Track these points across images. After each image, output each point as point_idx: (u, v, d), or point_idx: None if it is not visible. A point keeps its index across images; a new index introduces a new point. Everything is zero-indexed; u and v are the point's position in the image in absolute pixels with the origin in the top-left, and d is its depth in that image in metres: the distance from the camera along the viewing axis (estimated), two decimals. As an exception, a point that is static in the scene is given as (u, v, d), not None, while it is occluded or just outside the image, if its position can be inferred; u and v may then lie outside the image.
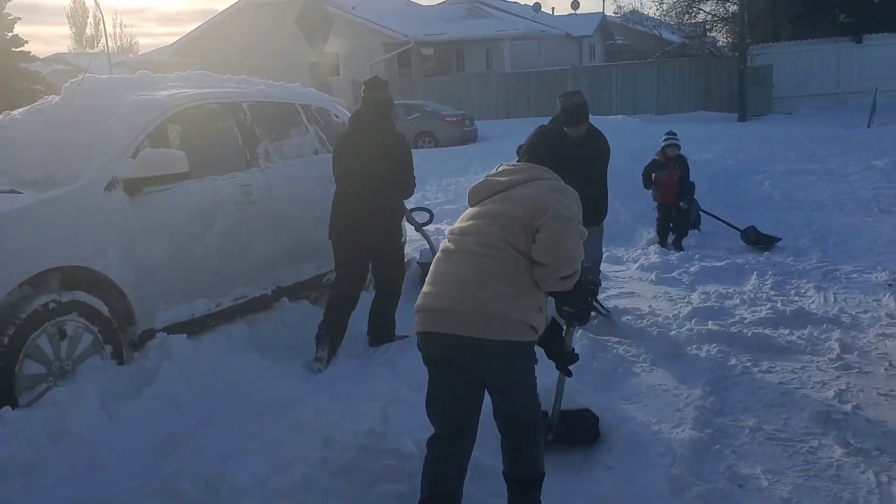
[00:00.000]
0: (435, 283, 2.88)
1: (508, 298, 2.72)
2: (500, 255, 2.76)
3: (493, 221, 2.85)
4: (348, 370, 4.74)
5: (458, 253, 2.86)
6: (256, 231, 5.33)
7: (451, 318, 2.76)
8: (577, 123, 5.53)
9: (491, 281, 2.74)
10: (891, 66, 23.39)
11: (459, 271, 2.80)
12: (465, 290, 2.76)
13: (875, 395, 4.29)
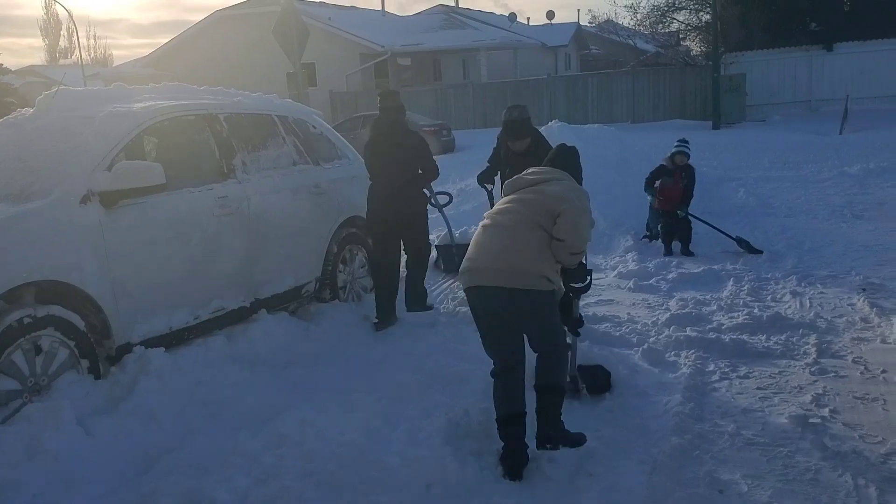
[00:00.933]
0: (477, 250, 3.74)
1: (532, 260, 3.58)
2: (527, 230, 3.63)
3: (525, 206, 3.72)
4: (330, 381, 4.71)
5: (496, 227, 3.74)
6: (234, 243, 5.30)
7: (491, 274, 3.62)
8: (515, 138, 5.62)
9: (520, 247, 3.61)
10: (861, 74, 23.76)
11: (496, 241, 3.68)
12: (501, 254, 3.62)
13: (851, 398, 4.33)
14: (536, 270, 3.59)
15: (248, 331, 5.30)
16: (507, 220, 3.72)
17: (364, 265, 6.74)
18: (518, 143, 5.64)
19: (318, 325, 5.76)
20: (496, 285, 3.60)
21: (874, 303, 6.07)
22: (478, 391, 4.35)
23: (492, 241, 3.70)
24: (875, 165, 13.23)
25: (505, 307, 3.64)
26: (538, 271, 3.59)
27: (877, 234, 8.69)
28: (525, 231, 3.63)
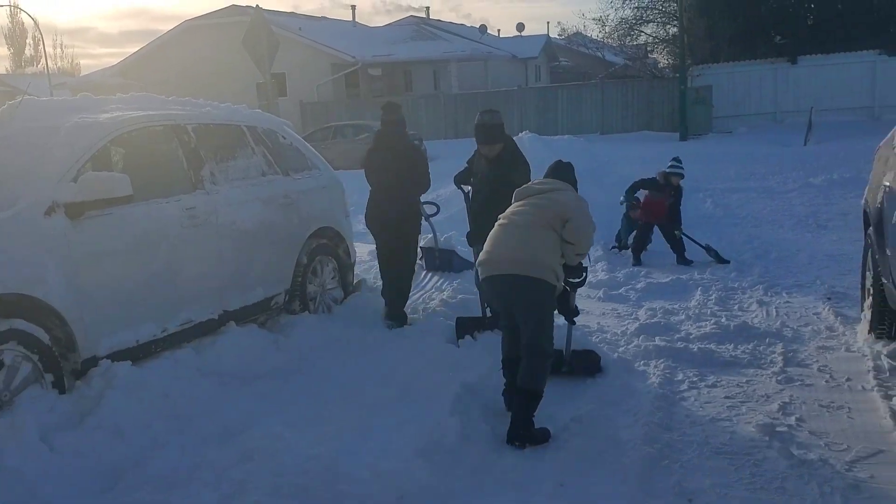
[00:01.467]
0: (493, 244, 4.30)
1: (541, 254, 4.12)
2: (541, 229, 4.18)
3: (537, 210, 4.28)
4: (300, 393, 4.67)
5: (512, 226, 4.29)
6: (202, 254, 5.24)
7: (504, 263, 4.16)
8: (484, 143, 5.50)
9: (535, 242, 4.16)
10: (824, 87, 24.23)
11: (513, 237, 4.23)
12: (515, 247, 4.17)
13: (817, 406, 4.40)
14: (548, 264, 4.12)
15: (216, 343, 5.24)
16: (522, 220, 4.26)
17: (334, 276, 6.71)
18: (488, 147, 5.51)
19: (287, 337, 5.71)
20: (511, 273, 4.11)
21: (839, 311, 6.17)
22: (448, 402, 4.35)
23: (509, 237, 4.24)
24: (839, 176, 13.48)
25: (513, 296, 4.17)
26: (549, 265, 4.13)
27: (841, 244, 8.84)
28: (538, 230, 4.18)
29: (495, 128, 5.50)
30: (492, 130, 5.48)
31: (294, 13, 34.71)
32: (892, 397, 4.35)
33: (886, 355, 4.96)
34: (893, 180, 4.65)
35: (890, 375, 4.71)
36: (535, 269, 4.09)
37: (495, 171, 5.51)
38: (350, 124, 23.91)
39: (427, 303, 6.58)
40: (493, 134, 5.49)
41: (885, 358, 4.94)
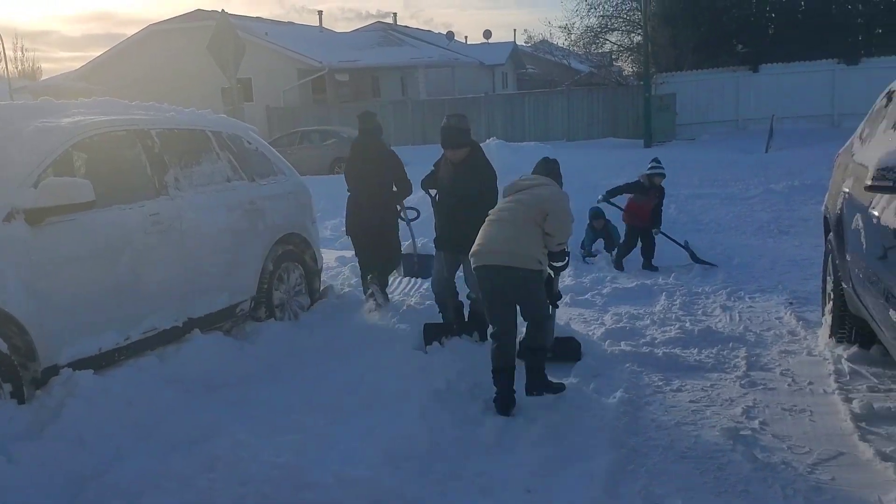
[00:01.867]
0: (484, 237, 4.76)
1: (528, 246, 4.61)
2: (525, 224, 4.65)
3: (522, 206, 4.73)
4: (265, 401, 4.62)
5: (499, 221, 4.76)
6: (166, 261, 5.18)
7: (496, 255, 4.63)
8: (450, 146, 5.50)
9: (520, 237, 4.63)
10: (785, 94, 24.65)
11: (502, 231, 4.70)
12: (505, 241, 4.64)
13: (780, 410, 4.46)
14: (531, 255, 4.62)
15: (180, 351, 5.18)
16: (509, 216, 4.76)
17: (301, 282, 6.67)
18: (454, 152, 5.50)
19: (253, 344, 5.66)
20: (500, 264, 4.62)
21: (800, 316, 6.28)
22: (417, 409, 4.34)
23: (498, 232, 4.72)
24: (800, 183, 13.69)
25: (504, 281, 4.65)
26: (532, 255, 4.62)
27: (802, 249, 9.00)
28: (523, 225, 4.66)
29: (462, 132, 5.51)
30: (458, 134, 5.49)
31: (260, 18, 34.43)
32: (852, 400, 4.42)
33: (847, 359, 5.06)
34: (853, 187, 4.74)
35: (850, 379, 4.80)
36: (520, 259, 4.61)
37: (462, 177, 5.53)
38: (317, 130, 23.80)
39: (396, 309, 6.56)
40: (459, 138, 5.49)
41: (846, 362, 5.03)
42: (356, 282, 7.71)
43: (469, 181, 5.51)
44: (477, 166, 5.60)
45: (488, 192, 5.53)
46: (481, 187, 5.55)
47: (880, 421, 4.15)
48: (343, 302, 6.87)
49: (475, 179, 5.54)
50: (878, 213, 3.87)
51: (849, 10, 27.03)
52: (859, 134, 5.43)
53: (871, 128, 5.17)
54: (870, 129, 5.17)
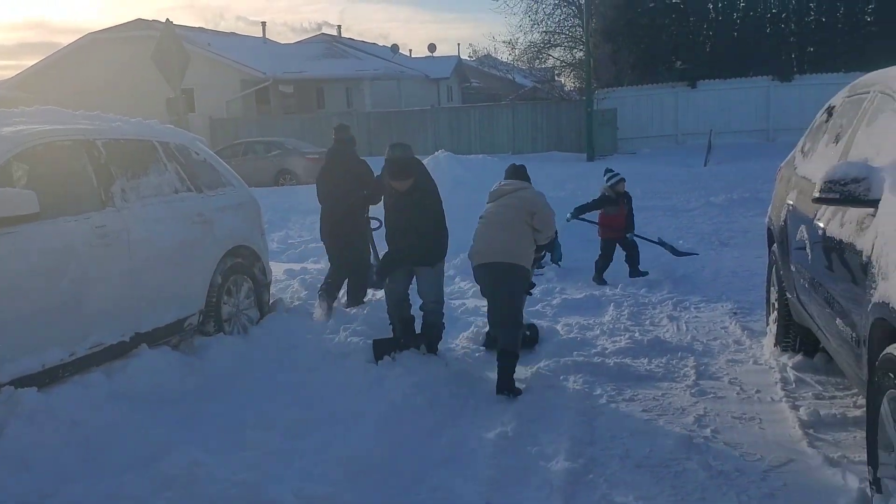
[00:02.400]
0: (480, 239, 5.44)
1: (519, 245, 5.32)
2: (516, 225, 5.34)
3: (511, 208, 5.41)
4: (218, 417, 4.52)
5: (491, 223, 5.43)
6: (113, 274, 5.04)
7: (491, 254, 5.29)
8: (397, 178, 5.54)
9: (512, 237, 5.31)
10: (723, 110, 25.38)
11: (497, 233, 5.35)
12: (498, 241, 5.31)
13: (730, 418, 4.55)
14: (523, 252, 5.33)
15: (128, 367, 5.03)
16: (500, 218, 5.41)
17: (250, 296, 6.56)
18: (400, 182, 5.55)
19: (202, 359, 5.54)
20: (497, 261, 5.25)
21: (745, 326, 6.43)
22: (373, 423, 4.30)
23: (494, 233, 5.36)
24: (738, 196, 14.07)
25: (496, 278, 5.26)
26: (524, 253, 5.34)
27: (743, 261, 9.22)
28: (514, 225, 5.34)
29: (408, 163, 5.58)
30: (404, 166, 5.56)
31: (203, 28, 33.97)
32: (799, 408, 4.54)
33: (792, 367, 5.20)
34: (796, 199, 4.88)
35: (796, 387, 4.93)
36: (514, 257, 5.27)
37: (410, 202, 5.60)
38: (261, 141, 23.54)
39: (349, 322, 6.50)
40: (405, 170, 5.56)
41: (791, 370, 5.17)
42: (306, 295, 7.63)
43: (417, 204, 5.61)
44: (424, 189, 5.67)
45: (435, 207, 5.72)
46: (430, 206, 5.70)
47: (827, 427, 4.27)
48: (293, 315, 6.77)
49: (423, 201, 5.65)
50: (823, 225, 3.99)
51: (782, 28, 27.97)
52: (801, 148, 5.60)
53: (812, 142, 5.33)
54: (811, 144, 5.33)
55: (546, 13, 29.12)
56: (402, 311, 5.85)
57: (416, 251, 5.62)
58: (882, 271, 3.03)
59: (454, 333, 6.48)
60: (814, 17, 27.77)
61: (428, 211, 5.66)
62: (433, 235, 5.69)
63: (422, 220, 5.61)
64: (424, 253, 5.65)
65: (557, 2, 29.12)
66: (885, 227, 3.14)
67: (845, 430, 4.25)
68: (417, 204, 5.60)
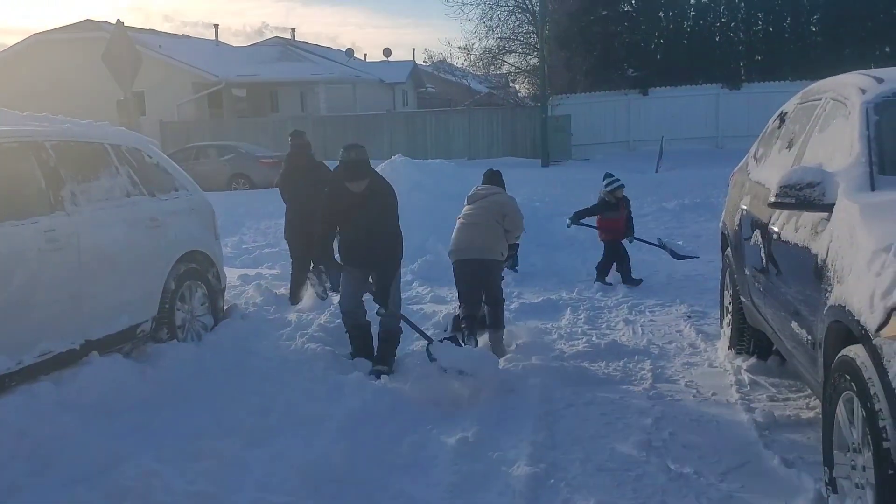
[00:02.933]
0: (460, 238, 6.15)
1: (493, 243, 6.10)
2: (490, 225, 6.10)
3: (485, 211, 6.17)
4: (172, 426, 4.42)
5: (470, 225, 6.15)
6: (62, 280, 4.90)
7: (469, 251, 6.06)
8: (353, 179, 5.49)
9: (487, 235, 6.08)
10: (673, 117, 25.78)
11: (473, 233, 6.10)
12: (475, 239, 6.07)
13: (687, 421, 4.59)
14: (496, 248, 6.13)
15: (78, 375, 4.88)
16: (477, 219, 6.15)
17: (204, 302, 6.44)
18: (356, 183, 5.51)
19: (155, 366, 5.40)
20: (474, 257, 6.03)
21: (699, 329, 6.52)
22: (332, 430, 4.25)
23: (471, 233, 6.11)
24: (689, 201, 14.29)
25: (475, 270, 6.05)
26: (498, 249, 6.15)
27: (695, 265, 9.34)
28: (489, 226, 6.11)
29: (362, 164, 5.53)
30: (359, 167, 5.51)
31: (154, 31, 33.33)
32: (754, 410, 4.61)
33: (746, 370, 5.27)
34: (750, 204, 4.97)
35: (751, 389, 5.01)
36: (489, 253, 6.07)
37: (367, 204, 5.55)
38: (213, 145, 23.19)
39: (305, 329, 6.43)
40: (360, 170, 5.52)
41: (746, 372, 5.24)
42: (261, 301, 7.53)
43: (374, 205, 5.57)
44: (380, 191, 5.64)
45: (392, 209, 5.71)
46: (386, 209, 5.68)
47: (781, 429, 4.34)
48: (248, 322, 6.68)
49: (380, 202, 5.62)
50: (777, 229, 4.06)
51: (731, 37, 28.54)
52: (753, 154, 5.70)
53: (765, 147, 5.43)
54: (764, 149, 5.44)
55: (501, 19, 29.31)
56: (357, 318, 5.77)
57: (374, 256, 5.57)
58: (837, 275, 3.08)
59: (413, 338, 6.44)
60: (762, 26, 28.36)
61: (384, 214, 5.64)
62: (390, 239, 5.66)
63: (378, 223, 5.58)
64: (383, 257, 5.59)
65: (512, 8, 29.34)
66: (839, 231, 3.21)
67: (800, 431, 4.32)
68: (373, 207, 5.56)
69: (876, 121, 3.55)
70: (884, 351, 2.56)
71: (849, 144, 3.60)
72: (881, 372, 2.57)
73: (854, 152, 3.50)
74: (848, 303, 2.89)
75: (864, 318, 2.71)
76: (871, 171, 3.35)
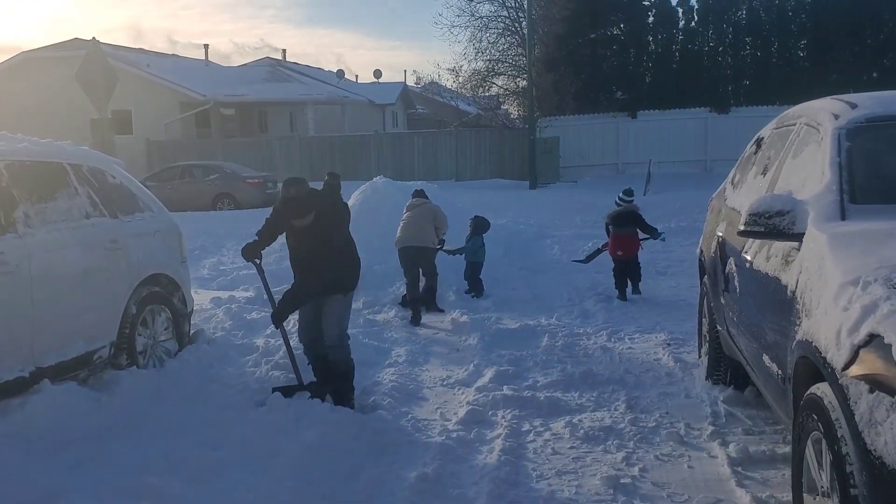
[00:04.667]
0: (401, 233, 8.54)
1: (426, 235, 8.53)
2: (421, 224, 8.55)
3: (419, 215, 8.62)
4: (121, 458, 4.21)
5: (408, 224, 8.56)
6: (11, 305, 4.70)
7: (408, 240, 8.47)
8: (297, 216, 5.17)
9: (420, 230, 8.53)
10: (661, 140, 25.79)
11: (410, 228, 8.53)
12: (413, 233, 8.49)
13: (659, 456, 4.40)
14: (429, 239, 8.52)
15: (26, 404, 4.68)
16: (413, 220, 8.58)
17: (168, 327, 6.25)
18: (300, 220, 5.17)
19: (111, 394, 5.20)
20: (413, 245, 8.43)
21: (678, 357, 6.35)
22: (285, 466, 4.05)
23: (410, 229, 8.50)
24: (676, 225, 14.19)
25: (415, 255, 8.42)
26: (429, 239, 8.53)
27: (679, 290, 9.22)
28: (422, 224, 8.53)
29: (305, 199, 5.15)
30: (301, 205, 5.14)
31: (143, 49, 33.28)
32: (728, 444, 4.43)
33: (723, 401, 5.11)
34: (726, 231, 4.83)
35: (726, 422, 4.83)
36: (423, 241, 8.47)
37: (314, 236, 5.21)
38: (199, 164, 23.05)
39: (270, 354, 6.24)
40: (304, 207, 5.14)
41: (722, 404, 5.08)
42: (230, 325, 7.34)
43: (321, 232, 5.20)
44: (327, 224, 5.24)
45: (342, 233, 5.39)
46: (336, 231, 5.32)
47: (755, 465, 4.16)
48: (214, 347, 6.48)
49: (328, 228, 5.24)
50: (750, 258, 3.91)
51: (719, 61, 28.63)
52: (731, 179, 5.58)
53: (741, 173, 5.31)
54: (741, 175, 5.31)
55: (490, 42, 29.39)
56: (319, 349, 5.48)
57: (326, 279, 5.25)
58: (806, 308, 2.93)
59: (383, 364, 6.27)
60: (749, 51, 28.48)
61: (334, 236, 5.28)
62: (342, 261, 5.35)
63: (327, 246, 5.22)
64: (335, 279, 5.31)
65: (501, 31, 29.42)
66: (808, 262, 3.06)
67: (774, 467, 4.15)
68: (322, 232, 5.20)
69: (848, 147, 3.42)
70: (850, 391, 2.40)
71: (820, 171, 3.46)
72: (847, 414, 2.40)
73: (825, 180, 3.36)
74: (815, 338, 2.73)
75: (831, 354, 2.55)
76: (841, 200, 3.22)
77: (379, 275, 9.52)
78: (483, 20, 29.27)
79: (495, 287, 9.54)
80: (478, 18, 29.21)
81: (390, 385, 5.84)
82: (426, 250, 8.47)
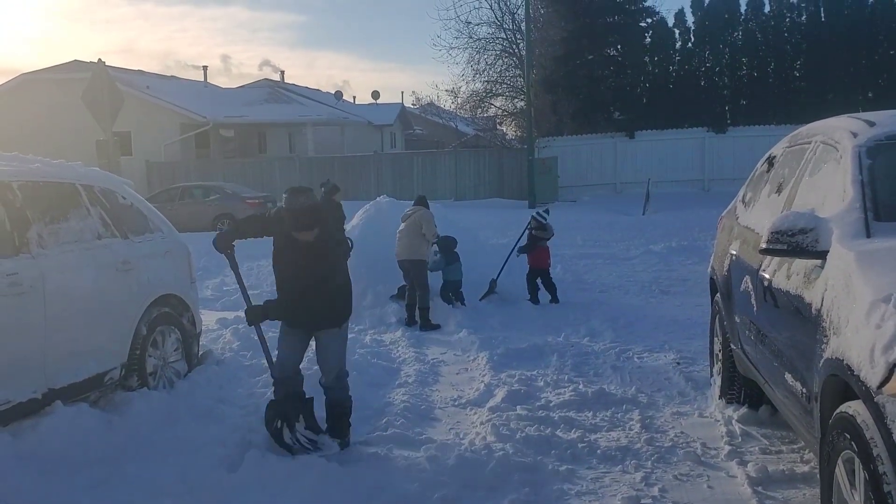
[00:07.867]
0: (397, 246, 9.13)
1: (418, 247, 9.06)
2: (411, 236, 9.04)
3: (411, 224, 9.09)
4: (136, 480, 4.17)
5: (402, 237, 9.09)
6: (25, 326, 4.68)
7: (402, 254, 9.10)
8: (301, 228, 4.64)
9: (411, 243, 9.04)
10: (659, 160, 25.93)
11: (403, 241, 9.09)
12: (405, 246, 9.06)
13: (678, 475, 4.38)
14: (420, 252, 9.01)
15: (39, 426, 4.64)
16: (406, 232, 9.02)
17: (178, 348, 6.22)
18: (304, 234, 4.65)
19: (122, 416, 5.17)
20: (406, 258, 9.01)
21: (689, 376, 6.33)
22: (308, 490, 4.01)
23: (403, 242, 9.02)
24: (677, 244, 14.21)
25: (408, 268, 9.00)
26: (421, 252, 9.02)
27: (684, 309, 9.21)
28: (412, 236, 8.97)
29: (315, 210, 4.69)
30: (312, 214, 4.65)
31: (142, 71, 33.38)
32: (747, 464, 4.41)
33: (738, 420, 5.08)
34: (740, 249, 4.83)
35: (742, 441, 4.81)
36: (415, 255, 8.98)
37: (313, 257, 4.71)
38: (199, 185, 23.07)
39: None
40: (310, 219, 4.65)
41: (737, 423, 5.05)
42: (238, 346, 7.31)
43: (321, 255, 4.74)
44: (327, 242, 4.82)
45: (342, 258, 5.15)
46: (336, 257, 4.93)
47: (775, 485, 4.14)
48: (224, 368, 6.46)
49: (328, 252, 4.80)
50: (769, 276, 3.91)
51: (716, 81, 28.83)
52: (742, 198, 5.58)
53: (753, 192, 5.32)
54: (752, 193, 5.32)
55: (488, 63, 29.55)
56: (294, 385, 4.96)
57: (319, 311, 4.76)
58: (834, 326, 2.93)
59: (392, 385, 6.22)
60: (746, 71, 28.70)
61: (333, 266, 4.80)
62: (339, 291, 4.86)
63: (326, 277, 4.71)
64: (329, 312, 4.82)
65: (499, 52, 29.59)
66: (834, 279, 3.06)
67: (794, 486, 4.12)
68: (321, 255, 4.71)
69: (869, 165, 3.43)
70: (887, 409, 2.39)
71: (841, 189, 3.47)
72: (884, 432, 2.39)
73: (847, 197, 3.37)
74: (846, 356, 2.72)
75: (865, 373, 2.54)
76: (865, 217, 3.22)
77: (382, 295, 9.55)
78: (481, 42, 29.49)
79: (501, 306, 9.54)
80: (476, 40, 29.41)
81: (402, 406, 5.80)
82: (417, 263, 9.00)
